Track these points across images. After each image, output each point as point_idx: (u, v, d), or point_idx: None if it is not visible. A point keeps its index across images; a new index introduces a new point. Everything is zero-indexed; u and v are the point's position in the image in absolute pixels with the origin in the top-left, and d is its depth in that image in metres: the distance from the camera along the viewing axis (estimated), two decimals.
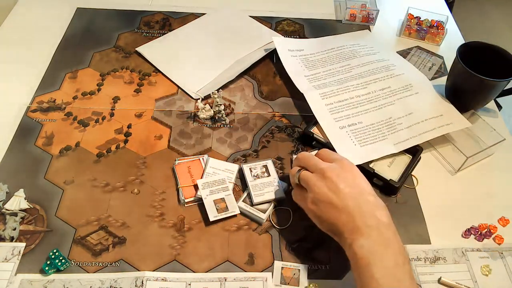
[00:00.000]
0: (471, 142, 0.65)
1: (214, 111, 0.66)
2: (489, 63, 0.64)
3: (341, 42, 0.78)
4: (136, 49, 0.77)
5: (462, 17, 2.10)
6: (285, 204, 0.57)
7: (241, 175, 0.59)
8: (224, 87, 0.71)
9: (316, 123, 0.64)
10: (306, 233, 0.54)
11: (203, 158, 0.61)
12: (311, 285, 0.49)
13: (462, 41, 0.82)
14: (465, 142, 0.64)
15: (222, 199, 0.55)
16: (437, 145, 0.64)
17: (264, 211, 0.55)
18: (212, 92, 0.64)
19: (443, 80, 0.73)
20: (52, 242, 0.52)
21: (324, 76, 0.71)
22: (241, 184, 0.59)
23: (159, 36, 0.80)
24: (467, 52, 0.65)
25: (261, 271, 0.51)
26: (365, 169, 0.58)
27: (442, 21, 0.83)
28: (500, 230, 0.56)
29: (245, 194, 0.57)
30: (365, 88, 0.68)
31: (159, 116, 0.67)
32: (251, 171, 0.58)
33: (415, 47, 0.81)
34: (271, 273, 0.50)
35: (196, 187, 0.57)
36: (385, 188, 0.58)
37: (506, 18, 2.23)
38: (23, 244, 0.51)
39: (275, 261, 0.51)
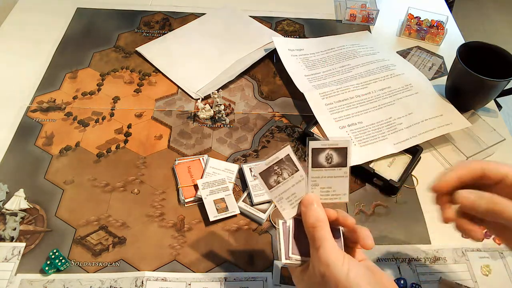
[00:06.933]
0: (471, 142, 0.65)
1: (214, 111, 0.66)
2: (489, 63, 0.64)
3: (341, 42, 0.78)
4: (136, 49, 0.77)
5: (462, 17, 2.11)
6: None
7: (241, 175, 0.59)
8: (224, 87, 0.71)
9: (316, 123, 0.64)
10: None
11: (203, 158, 0.61)
12: None
13: (462, 41, 0.82)
14: (465, 142, 0.64)
15: (222, 199, 0.55)
16: (437, 145, 0.64)
17: (264, 211, 0.55)
18: (212, 92, 0.64)
19: (443, 80, 0.73)
20: (52, 242, 0.52)
21: (324, 76, 0.71)
22: (241, 184, 0.59)
23: (159, 36, 0.80)
24: (467, 52, 0.65)
25: (261, 271, 0.51)
26: (365, 169, 0.58)
27: (442, 21, 0.83)
28: None
29: (245, 194, 0.57)
30: (365, 88, 0.68)
31: (159, 116, 0.67)
32: (251, 171, 0.58)
33: (415, 47, 0.81)
34: (271, 273, 0.50)
35: (196, 187, 0.57)
36: (385, 188, 0.58)
37: (506, 18, 2.23)
38: (23, 244, 0.51)
39: (275, 261, 0.51)
